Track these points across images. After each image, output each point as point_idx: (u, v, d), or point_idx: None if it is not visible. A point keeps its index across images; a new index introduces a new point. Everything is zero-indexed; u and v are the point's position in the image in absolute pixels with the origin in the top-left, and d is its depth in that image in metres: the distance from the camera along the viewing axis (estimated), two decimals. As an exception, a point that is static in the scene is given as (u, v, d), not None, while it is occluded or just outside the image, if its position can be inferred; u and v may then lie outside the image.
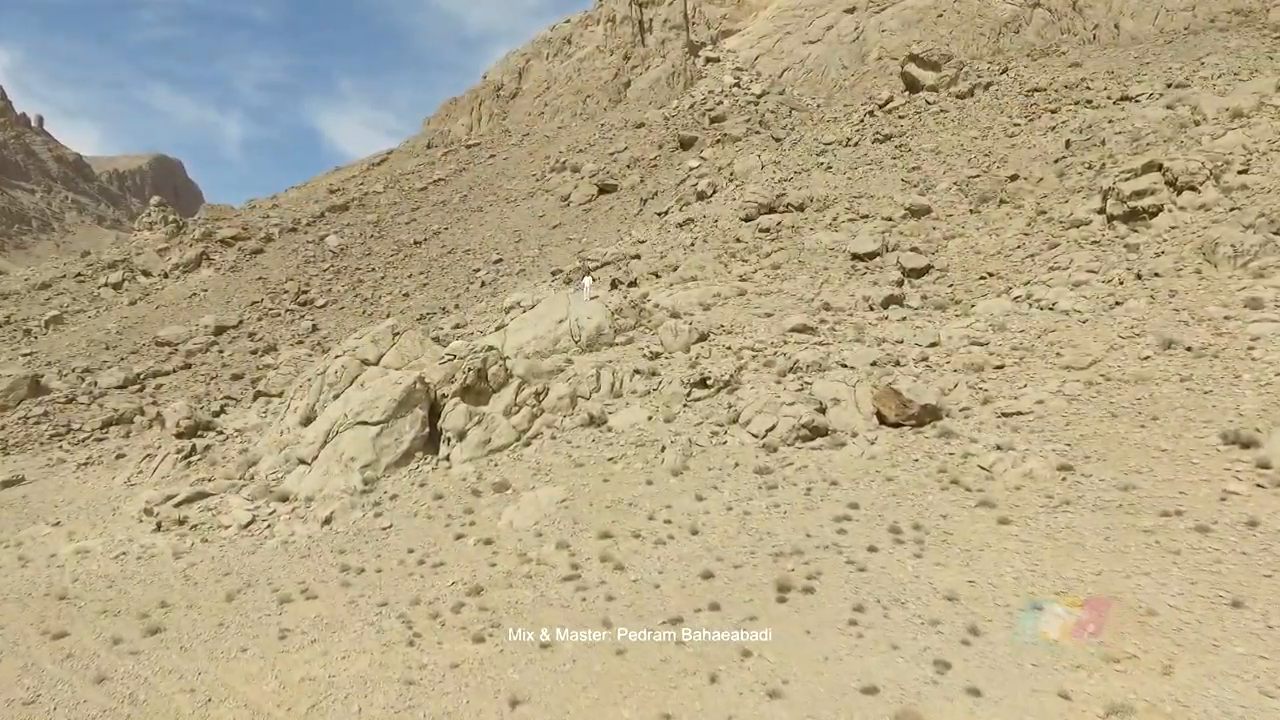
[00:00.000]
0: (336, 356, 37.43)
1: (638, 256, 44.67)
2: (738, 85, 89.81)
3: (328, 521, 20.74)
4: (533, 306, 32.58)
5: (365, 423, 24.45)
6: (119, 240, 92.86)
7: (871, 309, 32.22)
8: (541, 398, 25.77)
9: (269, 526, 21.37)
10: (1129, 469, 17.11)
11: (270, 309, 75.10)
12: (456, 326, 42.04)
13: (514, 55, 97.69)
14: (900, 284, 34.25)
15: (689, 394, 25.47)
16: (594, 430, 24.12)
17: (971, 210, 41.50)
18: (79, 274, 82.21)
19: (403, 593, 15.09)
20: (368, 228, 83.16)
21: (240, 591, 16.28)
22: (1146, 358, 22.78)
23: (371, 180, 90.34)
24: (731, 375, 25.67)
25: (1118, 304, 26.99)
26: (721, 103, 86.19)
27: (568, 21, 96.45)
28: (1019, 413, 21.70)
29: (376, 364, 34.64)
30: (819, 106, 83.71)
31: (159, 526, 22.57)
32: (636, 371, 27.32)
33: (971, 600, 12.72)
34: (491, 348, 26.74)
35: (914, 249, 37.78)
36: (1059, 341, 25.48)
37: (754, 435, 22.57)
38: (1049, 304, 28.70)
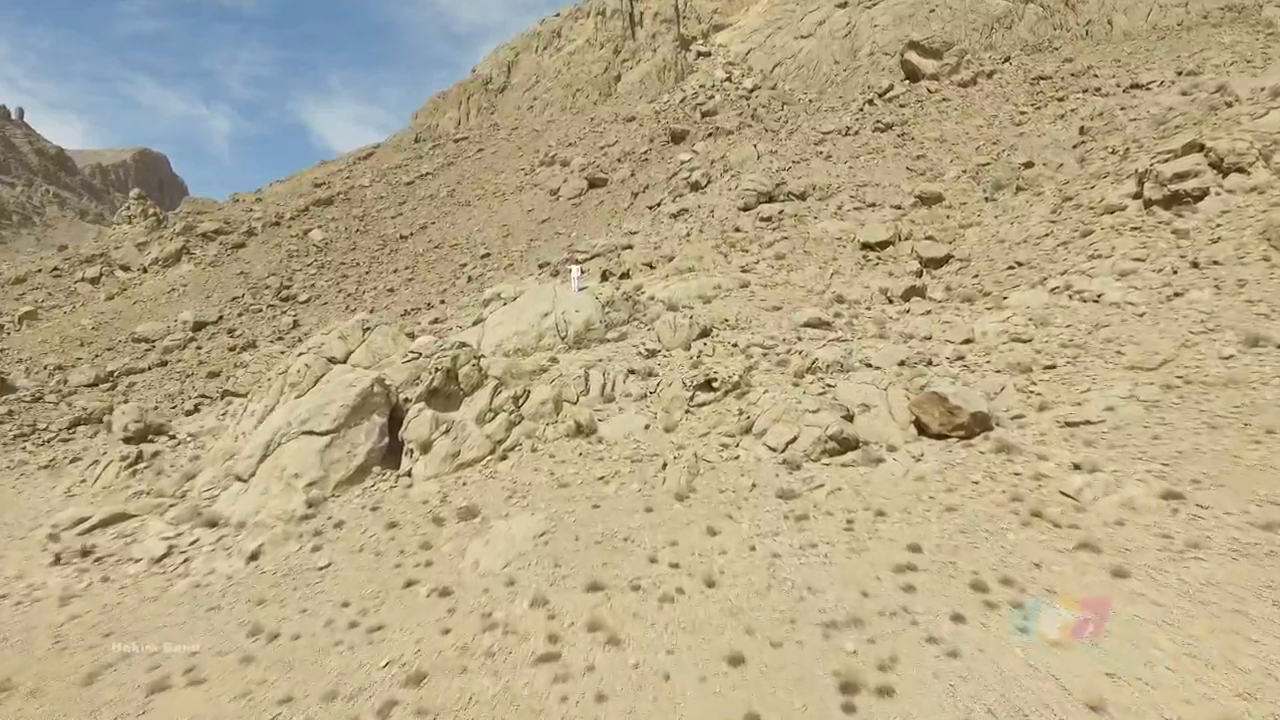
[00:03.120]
0: (300, 354, 33.04)
1: (630, 247, 40.23)
2: (729, 80, 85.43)
3: (255, 557, 16.23)
4: (515, 299, 28.12)
5: (312, 432, 19.92)
6: (100, 235, 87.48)
7: (890, 301, 27.96)
8: (521, 402, 21.33)
9: (185, 561, 16.83)
10: (1260, 499, 12.88)
11: (251, 304, 70.29)
12: (435, 321, 37.48)
13: (503, 49, 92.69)
14: (919, 274, 29.99)
15: (692, 398, 21.10)
16: (582, 441, 19.70)
17: (987, 198, 37.31)
18: (55, 268, 76.88)
19: (318, 679, 10.62)
20: (353, 222, 78.24)
21: (110, 668, 11.77)
22: (1229, 356, 18.62)
23: (358, 174, 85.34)
24: (740, 376, 21.31)
25: (1176, 295, 22.85)
26: (713, 97, 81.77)
27: (557, 15, 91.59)
28: (1087, 422, 17.48)
29: (345, 362, 30.22)
30: (811, 101, 79.47)
31: (58, 559, 18.00)
32: (631, 372, 22.95)
33: (1127, 712, 8.42)
34: (463, 344, 22.26)
35: (929, 238, 33.55)
36: (1116, 338, 21.30)
37: (771, 449, 18.24)
38: (1094, 295, 24.56)
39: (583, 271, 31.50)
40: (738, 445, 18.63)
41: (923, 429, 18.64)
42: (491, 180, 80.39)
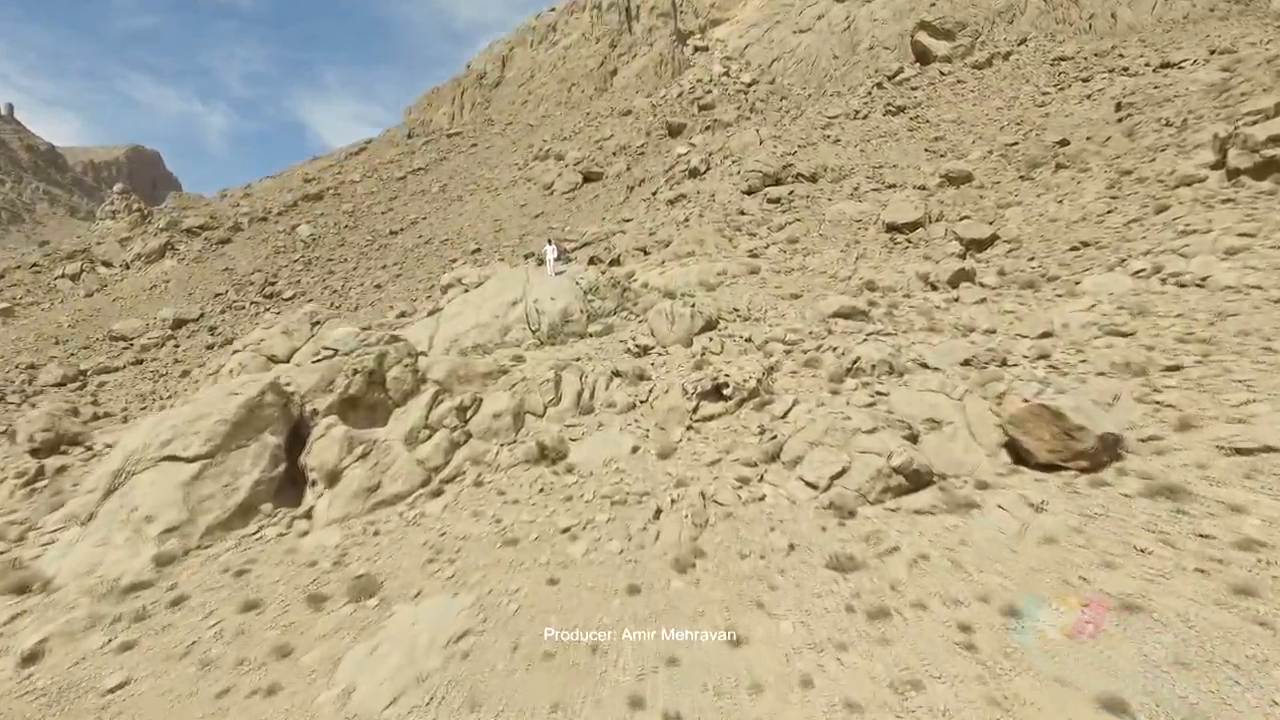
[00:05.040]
0: (235, 352, 27.11)
1: (623, 233, 34.04)
2: (727, 74, 79.21)
3: (32, 659, 10.02)
4: (479, 285, 21.95)
5: (176, 458, 13.68)
6: (89, 231, 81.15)
7: (934, 288, 21.81)
8: (469, 415, 15.13)
9: (-57, 659, 10.64)
10: None
11: (234, 301, 64.12)
12: (401, 315, 31.26)
13: (498, 43, 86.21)
14: (963, 257, 23.86)
15: (695, 409, 14.94)
16: (545, 470, 13.52)
17: (1022, 177, 31.19)
18: (35, 264, 70.50)
19: None
20: (342, 217, 71.98)
21: None
22: None
23: (349, 169, 79.01)
24: (759, 380, 15.15)
25: (1318, 276, 16.76)
26: (710, 91, 75.54)
27: (553, 10, 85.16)
28: (1268, 448, 11.32)
29: (288, 361, 24.18)
30: (809, 96, 73.32)
31: None
32: (616, 374, 16.78)
33: None
34: (395, 338, 16.08)
35: (965, 218, 27.41)
36: (1255, 329, 15.20)
37: (810, 485, 12.08)
38: (1197, 278, 18.46)
39: (563, 255, 25.30)
40: (762, 479, 12.46)
41: (1021, 456, 12.50)
42: (485, 175, 74.17)
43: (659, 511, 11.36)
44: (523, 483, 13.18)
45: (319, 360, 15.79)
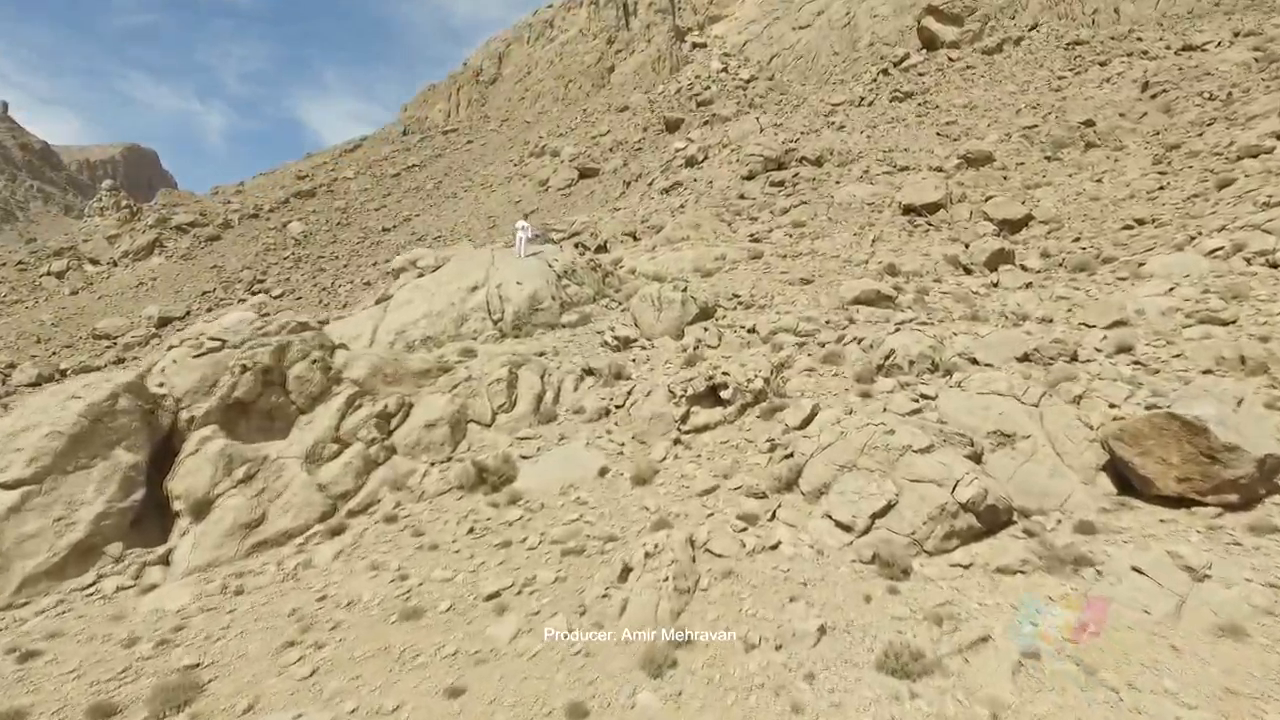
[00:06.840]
0: (171, 348, 23.04)
1: (612, 220, 30.25)
2: (725, 71, 75.35)
3: None
4: (436, 268, 18.17)
5: (-9, 483, 9.91)
6: (82, 229, 77.49)
7: (968, 271, 18.00)
8: (393, 424, 11.34)
9: None
10: None
11: (222, 299, 60.18)
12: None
13: (495, 40, 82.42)
14: (999, 237, 20.04)
15: (685, 417, 11.14)
16: (481, 501, 9.72)
17: (1048, 157, 27.38)
18: (20, 262, 66.77)
19: None
20: (335, 214, 68.16)
21: None
22: None
23: (343, 166, 75.26)
24: (768, 379, 11.35)
25: None
26: (709, 87, 71.69)
27: (550, 6, 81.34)
28: None
29: (231, 358, 20.04)
30: (809, 90, 69.51)
31: None
32: (588, 372, 12.99)
33: None
34: (304, 325, 12.31)
35: (991, 197, 23.60)
36: (1403, 316, 11.39)
37: (843, 526, 8.29)
38: (1295, 257, 14.68)
39: (541, 238, 21.54)
40: (774, 516, 8.67)
41: (1130, 484, 8.71)
42: (480, 172, 70.40)
43: (626, 570, 7.55)
44: (449, 518, 9.40)
45: (201, 355, 11.99)
